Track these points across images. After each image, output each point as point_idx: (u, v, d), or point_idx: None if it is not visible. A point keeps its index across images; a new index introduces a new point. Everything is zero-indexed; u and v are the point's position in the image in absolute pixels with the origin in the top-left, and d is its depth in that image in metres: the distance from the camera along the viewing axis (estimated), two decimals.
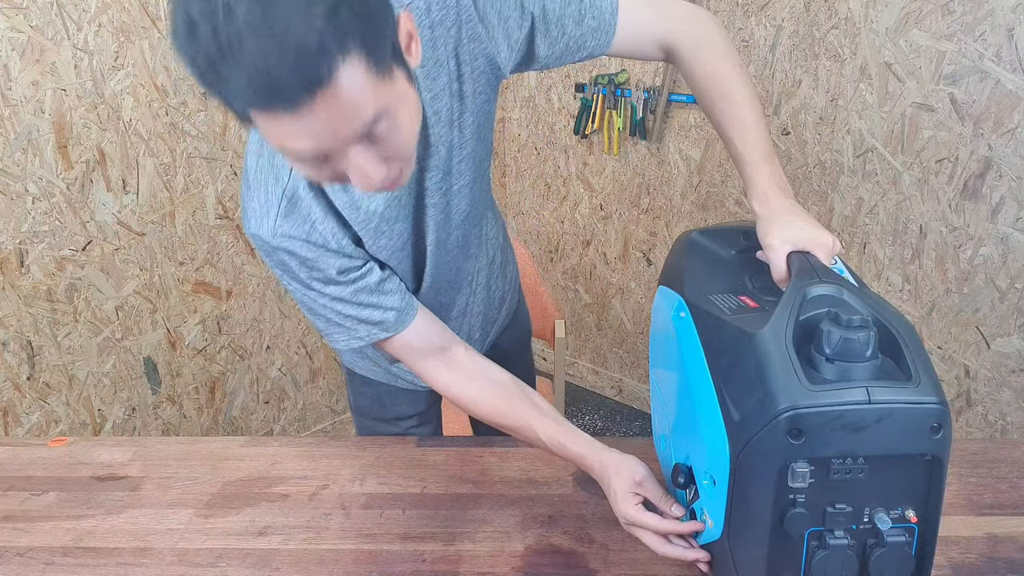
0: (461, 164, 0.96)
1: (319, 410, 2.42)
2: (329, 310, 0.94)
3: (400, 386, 1.25)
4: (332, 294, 0.92)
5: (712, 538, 0.81)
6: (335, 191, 0.89)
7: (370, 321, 0.95)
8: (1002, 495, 1.02)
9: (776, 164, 0.91)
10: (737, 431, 0.73)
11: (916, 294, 1.87)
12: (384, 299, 0.95)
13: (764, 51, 1.98)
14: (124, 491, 1.09)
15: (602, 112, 2.34)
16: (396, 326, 0.96)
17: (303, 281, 0.92)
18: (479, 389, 1.00)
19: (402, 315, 0.96)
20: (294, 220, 0.88)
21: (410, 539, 0.98)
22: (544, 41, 0.93)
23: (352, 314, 0.94)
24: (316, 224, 0.89)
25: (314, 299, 0.93)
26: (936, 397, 0.68)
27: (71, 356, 1.80)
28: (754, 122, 0.93)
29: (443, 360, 1.00)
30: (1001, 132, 1.64)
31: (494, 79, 0.93)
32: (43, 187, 1.66)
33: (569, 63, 0.99)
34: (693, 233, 0.97)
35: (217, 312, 2.06)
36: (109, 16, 1.66)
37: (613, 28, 0.94)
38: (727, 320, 0.80)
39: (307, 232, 0.88)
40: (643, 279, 2.51)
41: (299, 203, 0.88)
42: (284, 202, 0.87)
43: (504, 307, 1.29)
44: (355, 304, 0.93)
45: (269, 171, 0.87)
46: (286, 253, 0.89)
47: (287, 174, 0.87)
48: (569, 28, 0.92)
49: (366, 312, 0.94)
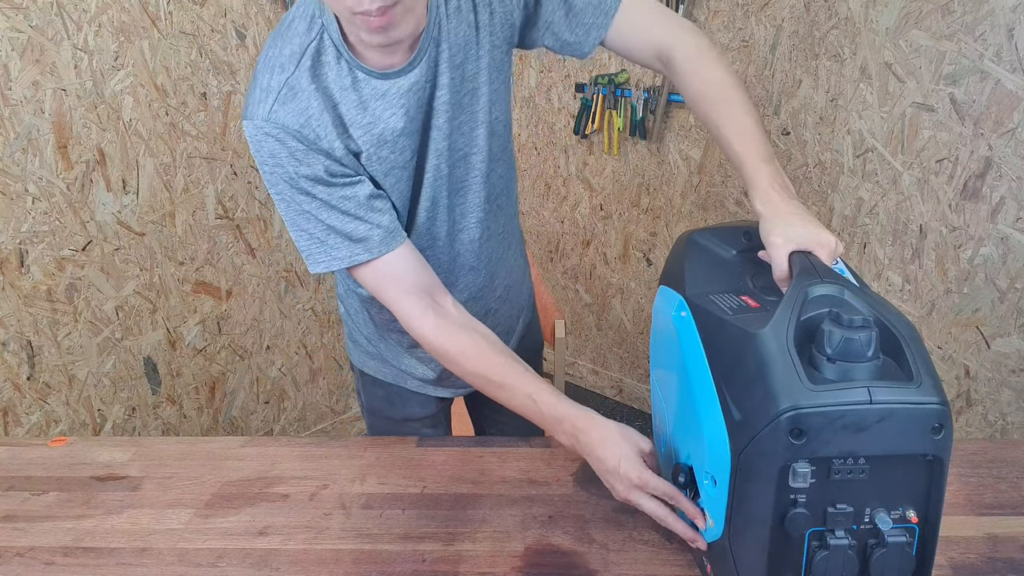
0: (468, 98, 0.97)
1: (319, 410, 2.41)
2: (312, 219, 0.92)
3: (410, 387, 1.25)
4: (318, 196, 0.90)
5: (713, 538, 0.81)
6: (344, 89, 0.90)
7: (353, 236, 0.92)
8: (1002, 495, 1.02)
9: (777, 165, 0.91)
10: (738, 431, 0.73)
11: (916, 294, 1.87)
12: (372, 215, 0.93)
13: (764, 51, 1.98)
14: (124, 491, 1.09)
15: (602, 112, 2.34)
16: (380, 247, 0.93)
17: (291, 178, 0.90)
18: (468, 339, 0.97)
19: (389, 236, 0.94)
20: (290, 108, 0.88)
21: (410, 539, 0.98)
22: (549, 3, 0.97)
23: (336, 225, 0.92)
24: (311, 119, 0.89)
25: (299, 204, 0.91)
26: (937, 397, 0.68)
27: (71, 356, 1.80)
28: (753, 125, 0.94)
29: (430, 303, 0.97)
30: (1001, 132, 1.64)
31: (506, 26, 0.97)
32: (43, 187, 1.65)
33: (567, 45, 1.01)
34: (694, 233, 0.97)
35: (217, 312, 2.05)
36: (109, 16, 1.66)
37: (614, 12, 0.97)
38: (728, 320, 0.80)
39: (301, 124, 0.89)
40: (643, 279, 2.51)
41: (299, 93, 0.88)
42: (285, 89, 0.88)
43: (522, 318, 1.30)
44: (340, 212, 0.91)
45: (276, 60, 0.89)
46: (276, 141, 0.89)
47: (294, 66, 0.88)
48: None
49: (351, 225, 0.92)
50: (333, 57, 0.89)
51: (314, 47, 0.89)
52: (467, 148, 1.01)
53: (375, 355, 1.23)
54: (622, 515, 1.00)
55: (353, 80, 0.90)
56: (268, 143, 0.89)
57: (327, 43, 0.89)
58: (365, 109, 0.91)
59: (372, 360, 1.24)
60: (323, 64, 0.89)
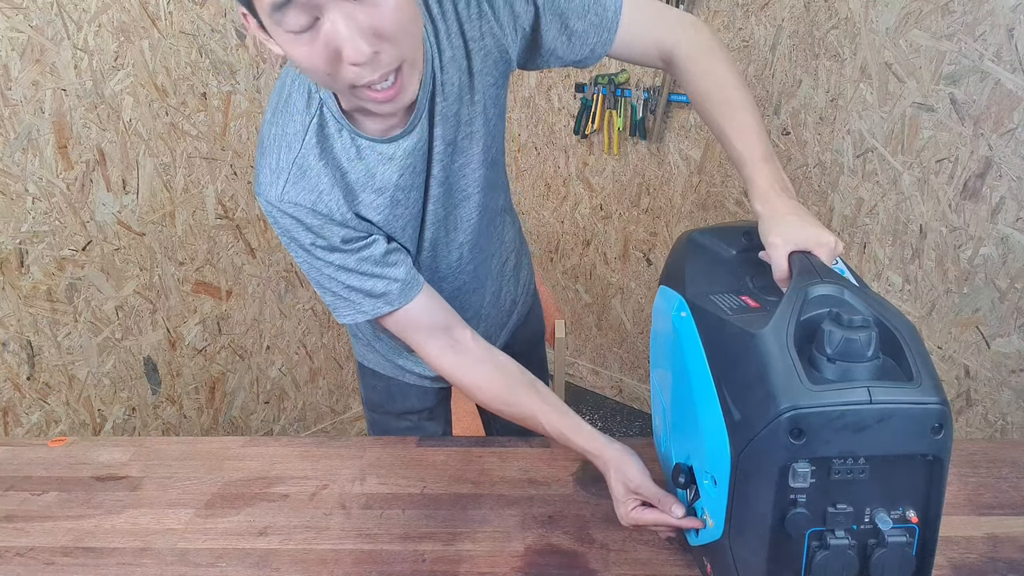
0: (466, 142, 0.98)
1: (319, 410, 2.41)
2: (333, 281, 0.95)
3: (408, 381, 1.25)
4: (336, 262, 0.94)
5: (712, 538, 0.81)
6: (351, 160, 0.91)
7: (374, 293, 0.95)
8: (1003, 495, 1.02)
9: (777, 164, 0.91)
10: (738, 431, 0.73)
11: (916, 294, 1.87)
12: (388, 271, 0.96)
13: (764, 51, 1.98)
14: (124, 491, 1.09)
15: (602, 112, 2.34)
16: (400, 299, 0.96)
17: (307, 248, 0.93)
18: (484, 373, 1.01)
19: (406, 288, 0.97)
20: (301, 188, 0.90)
21: (410, 539, 0.98)
22: (550, 29, 0.95)
23: (356, 285, 0.95)
24: (323, 195, 0.91)
25: (319, 269, 0.95)
26: (937, 397, 0.67)
27: (71, 356, 1.80)
28: (754, 125, 0.93)
29: (449, 341, 1.00)
30: (1001, 132, 1.64)
31: (501, 63, 0.96)
32: (43, 187, 1.65)
33: (573, 63, 1.00)
34: (694, 233, 0.97)
35: (217, 312, 2.05)
36: (109, 16, 1.66)
37: (615, 27, 0.96)
38: (728, 320, 0.80)
39: (313, 201, 0.91)
40: (643, 279, 2.51)
41: (308, 172, 0.90)
42: (294, 169, 0.90)
43: (516, 312, 1.30)
44: (359, 274, 0.94)
45: (282, 139, 0.90)
46: (292, 219, 0.91)
47: (299, 144, 0.90)
48: (572, 21, 0.95)
49: (370, 283, 0.95)
50: (335, 129, 0.90)
51: (316, 123, 0.90)
52: (466, 188, 1.02)
53: (373, 348, 1.24)
54: None
55: (358, 149, 0.91)
56: (284, 220, 0.92)
57: (327, 116, 0.90)
58: (373, 176, 0.93)
59: (371, 353, 1.25)
60: (327, 137, 0.90)
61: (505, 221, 1.19)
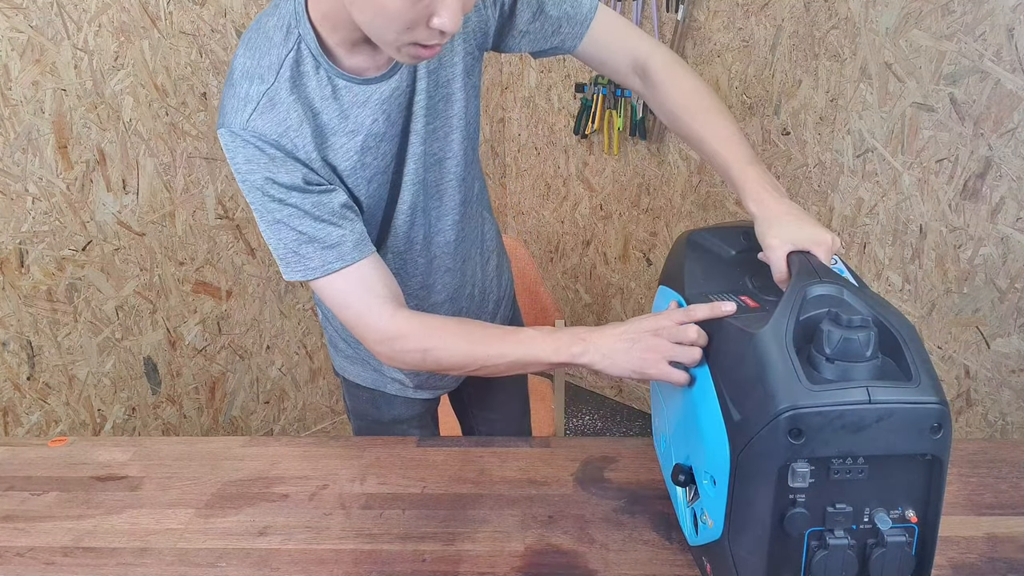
0: (443, 104, 0.98)
1: (319, 410, 2.42)
2: (285, 227, 0.91)
3: (391, 391, 1.24)
4: (292, 203, 0.90)
5: (712, 538, 0.81)
6: (325, 99, 0.90)
7: (327, 242, 0.92)
8: (1002, 495, 1.02)
9: (764, 167, 0.92)
10: (737, 431, 0.73)
11: (916, 294, 1.87)
12: (344, 222, 0.93)
13: (764, 51, 1.98)
14: (124, 491, 1.09)
15: (602, 112, 2.34)
16: (353, 253, 0.93)
17: (261, 187, 0.90)
18: (442, 324, 0.96)
19: (361, 243, 0.94)
20: (269, 120, 0.88)
21: (410, 539, 0.98)
22: (525, 11, 0.99)
23: (308, 231, 0.91)
24: (290, 129, 0.89)
25: (272, 212, 0.91)
26: (936, 397, 0.68)
27: (71, 356, 1.80)
28: (736, 131, 0.95)
29: (401, 305, 0.96)
30: (1001, 132, 1.64)
31: (480, 34, 0.98)
32: (43, 187, 1.66)
33: (541, 49, 1.03)
34: (693, 233, 0.97)
35: (217, 312, 2.06)
36: (109, 16, 1.66)
37: (588, 23, 1.00)
38: (727, 320, 0.80)
39: (279, 134, 0.88)
40: (643, 279, 2.51)
41: (278, 105, 0.88)
42: (264, 100, 0.88)
43: (499, 316, 1.29)
44: (313, 218, 0.91)
45: (255, 71, 0.88)
46: (253, 148, 0.88)
47: (273, 76, 0.88)
48: (548, 7, 0.99)
49: (325, 230, 0.91)
50: (312, 67, 0.89)
51: (292, 57, 0.88)
52: (443, 152, 1.02)
53: (355, 359, 1.22)
54: (622, 515, 1.01)
55: (333, 89, 0.91)
56: (245, 149, 0.89)
57: (305, 53, 0.89)
58: (347, 117, 0.92)
59: (352, 365, 1.24)
60: (303, 75, 0.89)
61: (485, 217, 1.19)
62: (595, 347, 0.88)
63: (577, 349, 0.88)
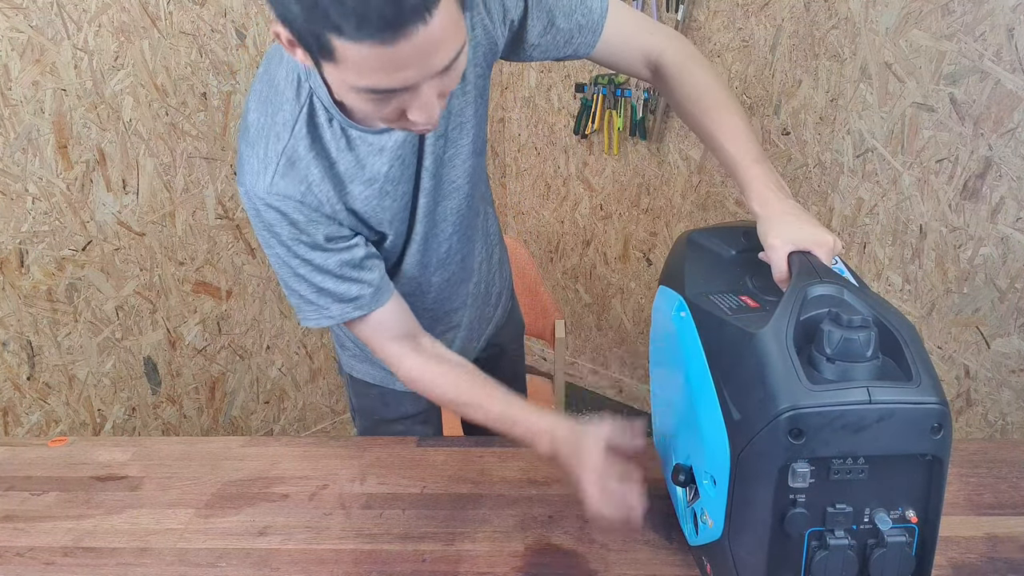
0: (456, 132, 0.97)
1: (319, 410, 2.42)
2: (305, 283, 0.93)
3: (398, 388, 1.25)
4: (314, 261, 0.92)
5: (712, 538, 0.81)
6: (340, 149, 0.90)
7: (346, 297, 0.94)
8: (1002, 495, 1.02)
9: (771, 166, 0.91)
10: (737, 431, 0.73)
11: (916, 294, 1.87)
12: (364, 275, 0.94)
13: (764, 51, 1.98)
14: (124, 491, 1.09)
15: (602, 112, 2.34)
16: (371, 304, 0.95)
17: (286, 244, 0.91)
18: (441, 372, 1.00)
19: (378, 293, 0.96)
20: (291, 179, 0.88)
21: (410, 539, 0.98)
22: (536, 25, 0.97)
23: (330, 288, 0.93)
24: (312, 186, 0.89)
25: (294, 268, 0.92)
26: (936, 397, 0.68)
27: (71, 356, 1.80)
28: (745, 128, 0.94)
29: (411, 347, 1.00)
30: (1001, 132, 1.64)
31: (490, 54, 0.96)
32: (43, 187, 1.66)
33: (554, 58, 1.02)
34: (693, 233, 0.97)
35: (217, 312, 2.06)
36: (109, 16, 1.66)
37: (600, 29, 0.98)
38: (728, 320, 0.80)
39: (303, 193, 0.89)
40: (643, 279, 2.51)
41: (298, 163, 0.88)
42: (283, 160, 0.88)
43: (500, 306, 1.30)
44: (335, 276, 0.93)
45: (271, 129, 0.88)
46: (277, 213, 0.89)
47: (288, 134, 0.88)
48: (559, 19, 0.97)
49: (344, 287, 0.93)
50: (325, 119, 0.89)
51: (306, 112, 0.88)
52: (457, 180, 1.02)
53: (363, 358, 1.23)
54: None
55: (348, 140, 0.90)
56: (268, 214, 0.89)
57: (317, 106, 0.88)
58: (363, 167, 0.91)
59: (360, 363, 1.24)
60: (317, 127, 0.89)
61: (488, 213, 1.19)
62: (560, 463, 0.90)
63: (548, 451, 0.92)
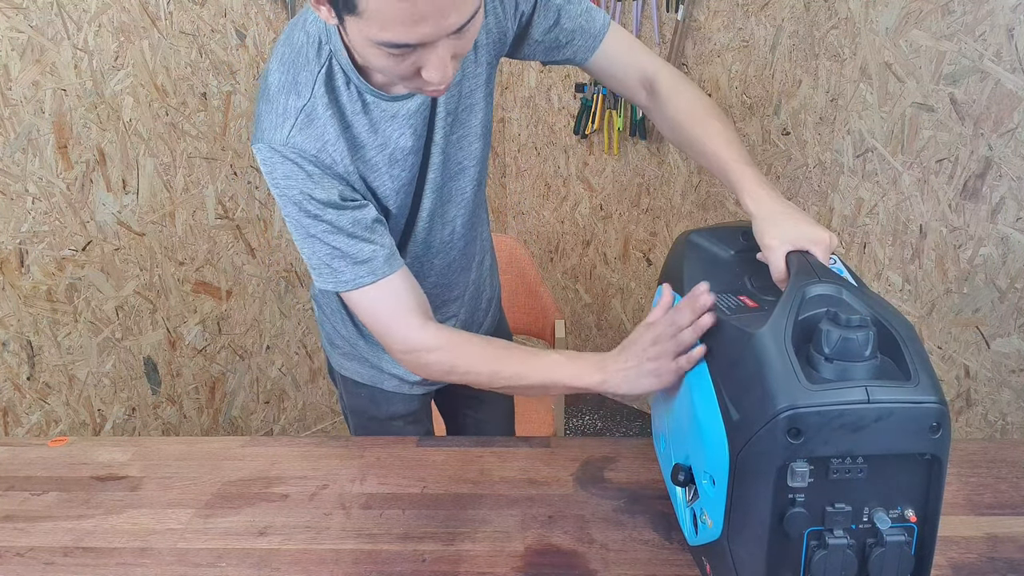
0: (465, 113, 1.00)
1: (319, 410, 2.42)
2: (320, 243, 0.93)
3: (388, 388, 1.25)
4: (328, 219, 0.92)
5: (711, 538, 0.81)
6: (356, 113, 0.92)
7: (359, 258, 0.94)
8: (1002, 495, 1.02)
9: (759, 170, 0.94)
10: (736, 431, 0.73)
11: (916, 294, 1.87)
12: (376, 237, 0.95)
13: (764, 51, 1.98)
14: (124, 491, 1.09)
15: (602, 112, 2.34)
16: (384, 268, 0.95)
17: (298, 202, 0.91)
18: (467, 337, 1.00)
19: (390, 259, 0.96)
20: (308, 136, 0.90)
21: (410, 539, 0.98)
22: (542, 22, 1.01)
23: (341, 247, 0.93)
24: (328, 144, 0.91)
25: (307, 227, 0.93)
26: (935, 396, 0.68)
27: (71, 356, 1.80)
28: (735, 139, 0.98)
29: (429, 317, 0.99)
30: (1001, 132, 1.64)
31: (499, 44, 1.00)
32: (43, 187, 1.66)
33: (552, 60, 1.06)
34: (692, 233, 0.97)
35: (217, 312, 2.06)
36: (109, 16, 1.66)
37: (601, 37, 1.03)
38: (726, 320, 0.80)
39: (318, 150, 0.91)
40: (643, 279, 2.51)
41: (316, 120, 0.90)
42: (303, 116, 0.90)
43: (490, 314, 1.31)
44: (347, 235, 0.93)
45: (292, 86, 0.90)
46: (293, 164, 0.90)
47: (309, 92, 0.90)
48: (564, 20, 1.01)
49: (357, 247, 0.94)
50: (343, 82, 0.91)
51: (325, 73, 0.90)
52: (465, 161, 1.05)
53: (353, 356, 1.23)
54: (622, 515, 1.01)
55: (363, 104, 0.93)
56: (284, 165, 0.91)
57: (336, 68, 0.91)
58: (376, 131, 0.94)
59: (350, 362, 1.24)
60: (335, 89, 0.91)
61: (483, 219, 1.22)
62: (612, 373, 0.93)
63: (598, 377, 0.94)
